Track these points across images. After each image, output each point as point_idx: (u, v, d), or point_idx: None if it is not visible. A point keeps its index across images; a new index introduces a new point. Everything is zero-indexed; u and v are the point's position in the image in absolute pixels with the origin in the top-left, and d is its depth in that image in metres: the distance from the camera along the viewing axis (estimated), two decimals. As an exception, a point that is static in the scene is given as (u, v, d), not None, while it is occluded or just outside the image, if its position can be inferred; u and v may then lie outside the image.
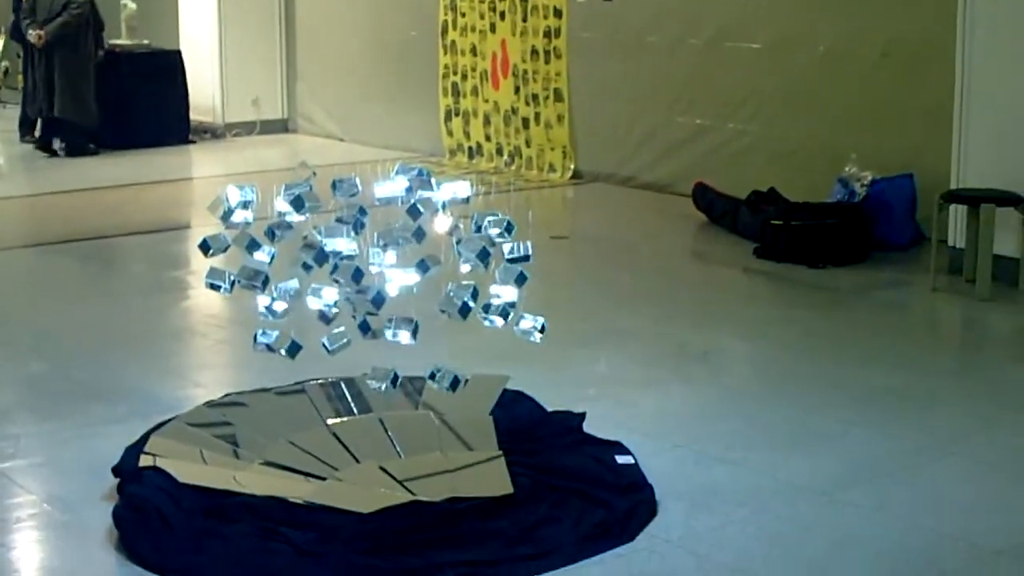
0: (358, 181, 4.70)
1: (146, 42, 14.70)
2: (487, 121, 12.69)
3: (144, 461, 4.98)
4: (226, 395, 5.81)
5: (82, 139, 13.69)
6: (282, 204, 4.58)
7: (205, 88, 15.05)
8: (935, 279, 8.15)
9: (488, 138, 12.71)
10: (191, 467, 4.93)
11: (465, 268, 4.74)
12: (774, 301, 8.33)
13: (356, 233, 4.62)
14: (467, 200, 4.76)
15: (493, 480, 4.83)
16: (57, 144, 13.64)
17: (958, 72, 8.29)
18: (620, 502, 4.76)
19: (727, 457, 5.39)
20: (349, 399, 5.45)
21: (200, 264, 8.18)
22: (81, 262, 9.29)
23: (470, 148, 12.92)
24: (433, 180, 4.68)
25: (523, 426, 5.35)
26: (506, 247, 4.81)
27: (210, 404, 5.67)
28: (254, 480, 4.84)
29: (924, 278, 8.22)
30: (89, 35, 13.69)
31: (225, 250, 4.78)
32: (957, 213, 8.34)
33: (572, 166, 11.96)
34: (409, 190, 4.61)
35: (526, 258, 4.86)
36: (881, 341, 7.24)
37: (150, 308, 8.00)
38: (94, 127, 13.78)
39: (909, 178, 9.18)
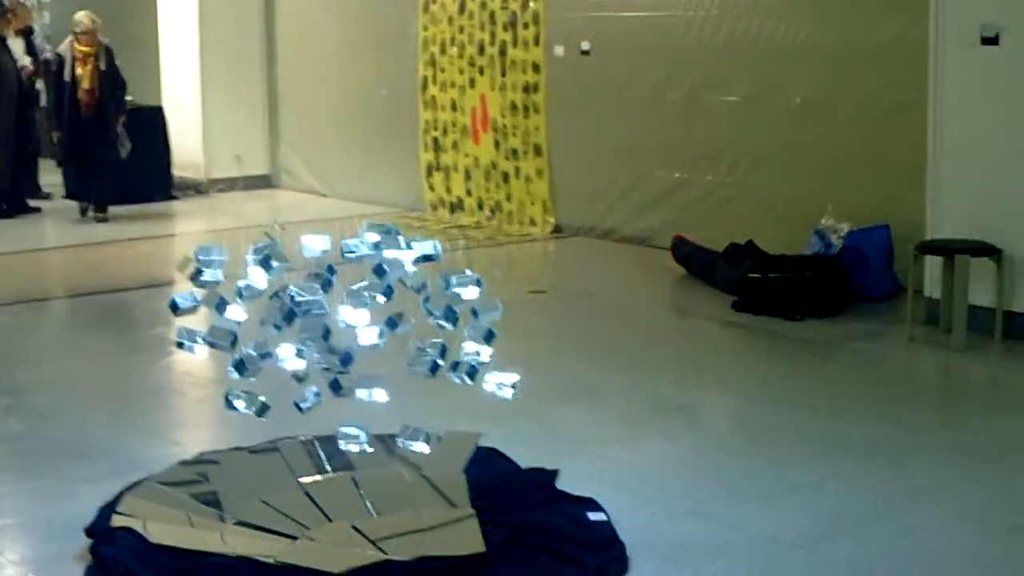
0: (327, 240, 4.72)
1: (129, 98, 14.73)
2: (468, 176, 12.75)
3: (117, 521, 4.97)
4: (200, 454, 5.81)
5: None
6: (251, 267, 4.61)
7: (188, 144, 15.12)
8: (911, 330, 8.19)
9: (469, 192, 12.76)
10: (163, 527, 4.92)
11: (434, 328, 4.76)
12: (752, 354, 8.36)
13: (325, 291, 4.64)
14: (434, 258, 4.78)
15: (465, 539, 4.83)
16: None
17: (930, 124, 8.36)
18: (592, 559, 4.76)
19: (700, 511, 5.40)
20: (323, 457, 5.45)
21: (182, 322, 8.21)
22: (61, 319, 9.31)
23: (451, 203, 12.97)
24: (401, 238, 4.70)
25: (496, 483, 5.35)
26: (474, 305, 4.83)
27: (184, 463, 5.67)
28: (226, 540, 4.83)
29: (901, 329, 8.26)
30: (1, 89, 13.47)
31: (195, 310, 4.80)
32: (932, 264, 8.38)
33: (552, 220, 12.02)
34: (378, 247, 4.63)
35: (495, 315, 4.87)
36: (857, 393, 7.27)
37: (129, 366, 8.00)
38: (3, 188, 13.61)
39: (885, 229, 9.23)
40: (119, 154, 13.38)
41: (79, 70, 13.12)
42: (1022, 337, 8.00)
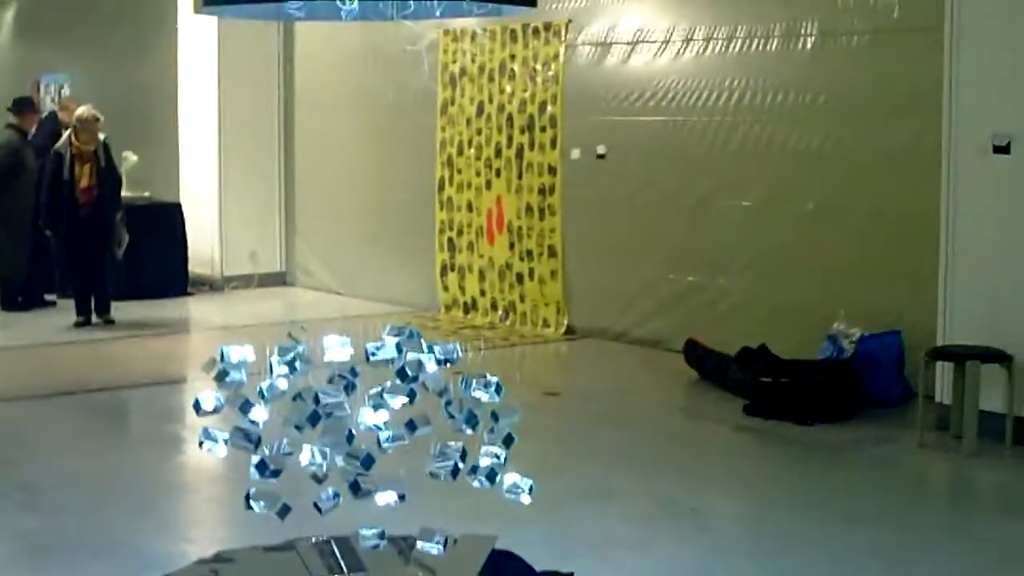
0: (348, 342, 4.79)
1: (147, 194, 14.91)
2: (482, 276, 12.85)
3: (134, 619, 5.01)
4: (217, 553, 5.84)
5: (10, 293, 13.72)
6: (276, 367, 4.67)
7: (204, 240, 15.22)
8: (922, 435, 8.23)
9: (483, 293, 12.86)
10: (180, 626, 4.95)
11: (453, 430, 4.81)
12: (763, 458, 8.39)
13: (348, 394, 4.70)
14: (456, 362, 4.84)
15: (479, 640, 4.85)
16: None
17: (942, 231, 8.47)
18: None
19: (713, 617, 5.43)
20: (339, 557, 5.47)
21: (196, 418, 8.25)
22: (77, 414, 9.34)
23: (465, 303, 13.06)
24: (423, 341, 4.77)
25: (510, 585, 5.38)
26: (494, 408, 4.88)
27: (200, 562, 5.69)
28: (242, 639, 4.86)
29: (912, 434, 8.30)
30: (15, 184, 13.40)
31: (219, 410, 4.85)
32: (943, 370, 8.44)
33: (566, 322, 12.09)
34: (400, 350, 4.70)
35: (514, 419, 4.92)
36: (868, 498, 7.31)
37: (144, 462, 8.05)
38: (20, 281, 13.72)
39: (897, 335, 9.30)
40: (116, 253, 13.17)
41: (78, 168, 12.55)
42: (1033, 444, 8.07)
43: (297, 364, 4.69)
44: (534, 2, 4.56)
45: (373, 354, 4.64)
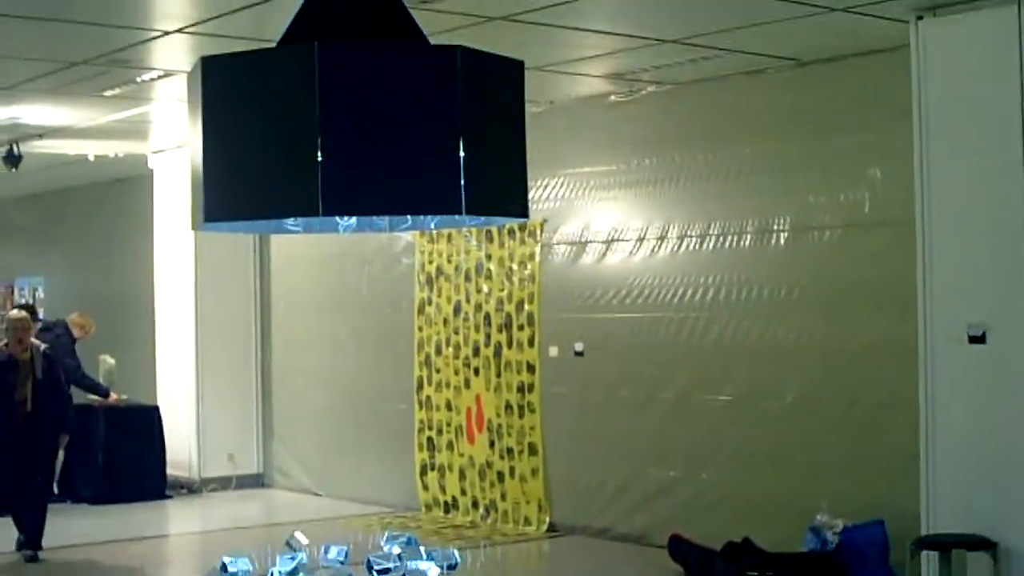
0: (348, 549, 4.83)
1: (124, 397, 14.91)
2: (462, 475, 12.85)
3: None
4: None
5: None
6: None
7: (182, 443, 15.21)
8: (912, 625, 8.23)
9: (464, 492, 12.84)
10: None
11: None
12: (754, 653, 8.35)
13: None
14: (455, 567, 4.88)
15: None
16: None
17: (922, 420, 8.55)
18: None
19: None
20: None
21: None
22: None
23: (446, 502, 13.02)
24: (422, 548, 4.81)
25: None
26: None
27: None
28: None
29: (901, 625, 8.30)
30: None
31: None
32: (929, 559, 8.45)
33: (547, 519, 12.07)
34: (401, 559, 4.74)
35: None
36: None
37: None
38: None
39: (880, 525, 9.33)
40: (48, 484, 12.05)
41: (14, 378, 11.27)
42: (1022, 632, 8.06)
43: (300, 574, 4.72)
44: (526, 213, 4.69)
45: (376, 564, 4.68)
